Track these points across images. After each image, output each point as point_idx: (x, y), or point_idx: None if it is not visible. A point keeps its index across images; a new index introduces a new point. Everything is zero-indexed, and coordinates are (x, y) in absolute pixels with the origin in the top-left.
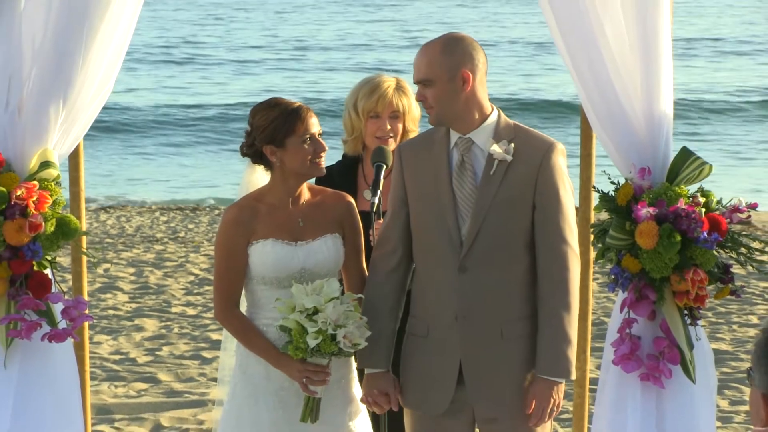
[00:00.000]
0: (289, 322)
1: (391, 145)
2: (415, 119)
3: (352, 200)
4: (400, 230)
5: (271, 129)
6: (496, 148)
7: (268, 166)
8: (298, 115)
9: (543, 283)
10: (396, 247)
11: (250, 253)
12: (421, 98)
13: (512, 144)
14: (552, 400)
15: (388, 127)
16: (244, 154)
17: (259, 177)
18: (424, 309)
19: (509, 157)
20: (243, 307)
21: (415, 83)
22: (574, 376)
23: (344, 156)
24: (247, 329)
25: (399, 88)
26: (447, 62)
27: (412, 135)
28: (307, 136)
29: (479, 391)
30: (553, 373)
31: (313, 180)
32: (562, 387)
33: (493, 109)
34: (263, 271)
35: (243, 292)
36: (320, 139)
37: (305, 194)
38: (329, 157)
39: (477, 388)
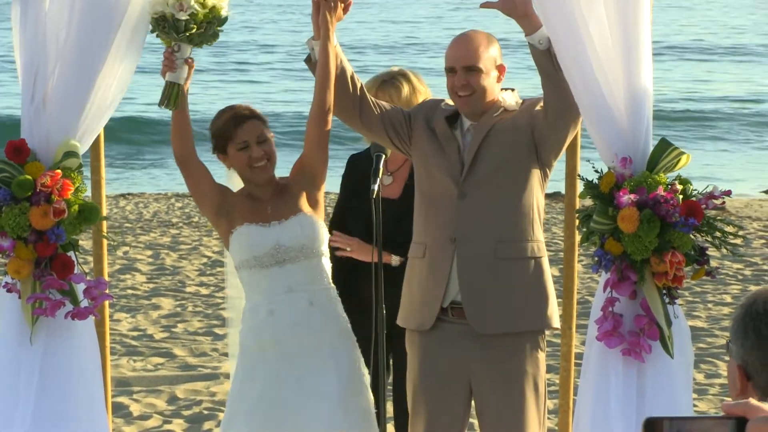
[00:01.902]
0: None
1: None
2: None
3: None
4: (383, 110)
5: (216, 138)
6: (508, 96)
7: None
8: (234, 122)
9: None
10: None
11: (230, 242)
12: (465, 82)
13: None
14: None
15: None
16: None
17: (238, 179)
18: (424, 233)
19: (516, 107)
20: (242, 298)
21: (458, 69)
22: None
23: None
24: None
25: (412, 91)
26: (492, 54)
27: None
28: (241, 142)
29: (475, 309)
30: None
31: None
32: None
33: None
34: (242, 254)
35: (239, 280)
36: (256, 146)
37: (272, 184)
38: (342, 153)
39: (473, 305)
